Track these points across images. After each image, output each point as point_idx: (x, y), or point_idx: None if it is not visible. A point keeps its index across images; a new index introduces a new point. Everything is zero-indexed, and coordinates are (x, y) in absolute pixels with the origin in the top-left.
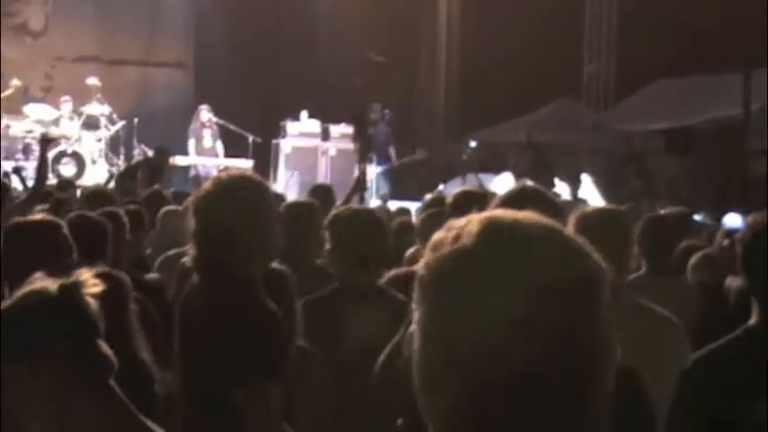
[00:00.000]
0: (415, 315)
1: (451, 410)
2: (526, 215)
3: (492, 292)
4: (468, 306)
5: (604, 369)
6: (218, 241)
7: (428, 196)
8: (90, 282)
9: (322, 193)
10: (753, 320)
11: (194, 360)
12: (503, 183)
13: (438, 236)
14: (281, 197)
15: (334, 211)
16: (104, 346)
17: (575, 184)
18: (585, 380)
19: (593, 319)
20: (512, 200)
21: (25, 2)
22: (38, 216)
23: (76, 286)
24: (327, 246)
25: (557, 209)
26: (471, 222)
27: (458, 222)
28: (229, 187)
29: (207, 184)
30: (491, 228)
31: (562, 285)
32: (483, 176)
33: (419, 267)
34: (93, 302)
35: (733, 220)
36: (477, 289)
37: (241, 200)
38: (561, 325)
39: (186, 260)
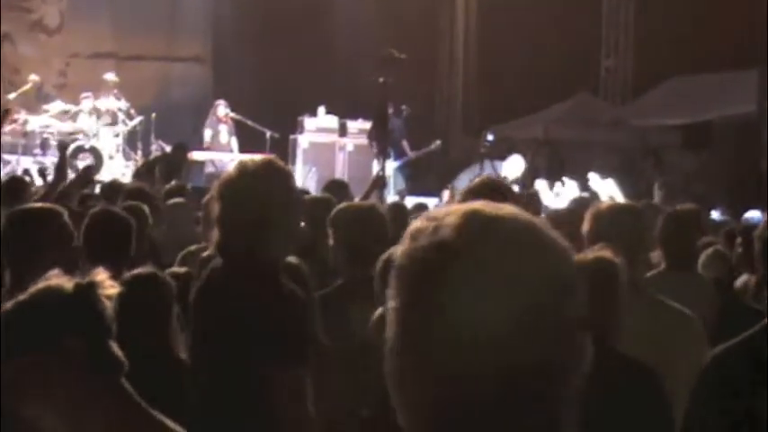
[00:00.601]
0: (391, 303)
1: (424, 403)
2: (507, 210)
3: (473, 291)
4: (448, 303)
5: (576, 368)
6: (244, 225)
7: (445, 192)
8: (107, 283)
9: (337, 189)
10: None
11: (219, 344)
12: (513, 165)
13: (417, 224)
14: (304, 191)
15: (336, 208)
16: (115, 347)
17: (588, 180)
18: (556, 379)
19: (566, 319)
20: (475, 192)
21: None
22: (39, 204)
23: (93, 287)
24: (331, 242)
25: (516, 200)
26: (451, 214)
27: (438, 212)
28: (256, 171)
29: (232, 170)
30: (472, 223)
31: (541, 285)
32: (498, 164)
33: (397, 255)
34: (107, 303)
35: (754, 216)
36: (457, 286)
37: (267, 183)
38: (535, 325)
39: (207, 253)
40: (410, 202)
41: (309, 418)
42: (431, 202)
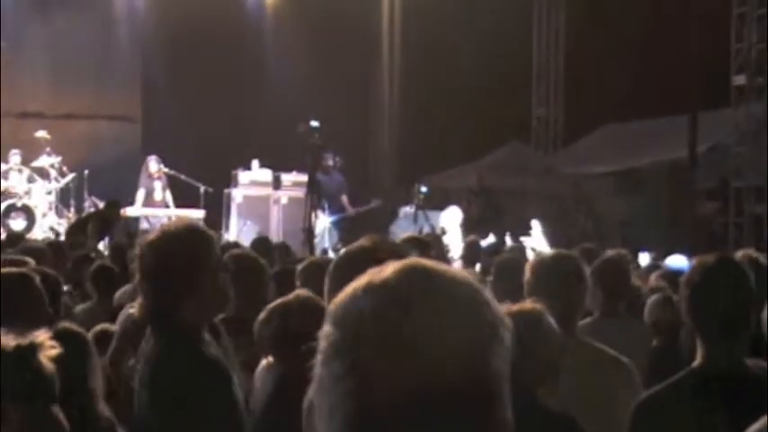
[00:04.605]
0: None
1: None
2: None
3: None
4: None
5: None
6: (166, 289)
7: None
8: (47, 343)
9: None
10: (696, 362)
11: (139, 408)
12: (450, 216)
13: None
14: (235, 245)
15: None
16: (57, 412)
17: (524, 229)
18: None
19: (496, 358)
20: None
21: None
22: (10, 269)
23: (33, 348)
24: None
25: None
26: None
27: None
28: (178, 235)
29: (154, 233)
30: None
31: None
32: (435, 214)
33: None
34: (50, 364)
35: (677, 261)
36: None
37: (190, 247)
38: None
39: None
40: None
41: None
42: None
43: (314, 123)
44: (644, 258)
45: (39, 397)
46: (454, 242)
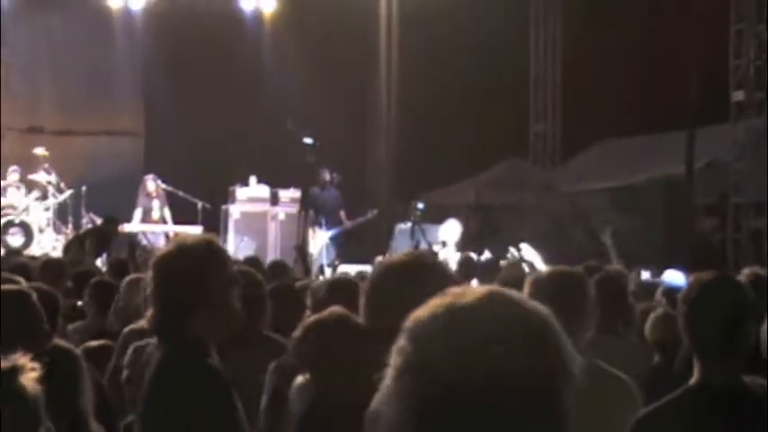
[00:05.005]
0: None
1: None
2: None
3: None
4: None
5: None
6: (177, 303)
7: (378, 258)
8: (28, 366)
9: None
10: (693, 379)
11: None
12: (449, 229)
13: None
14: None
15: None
16: None
17: (521, 246)
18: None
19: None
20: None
21: None
22: (9, 286)
23: (15, 372)
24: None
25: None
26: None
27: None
28: (192, 250)
29: (168, 246)
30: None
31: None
32: (434, 227)
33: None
34: (33, 386)
35: (672, 277)
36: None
37: (203, 263)
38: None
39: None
40: (350, 270)
41: None
42: (365, 269)
43: (308, 140)
44: (644, 275)
45: (22, 421)
46: (452, 256)
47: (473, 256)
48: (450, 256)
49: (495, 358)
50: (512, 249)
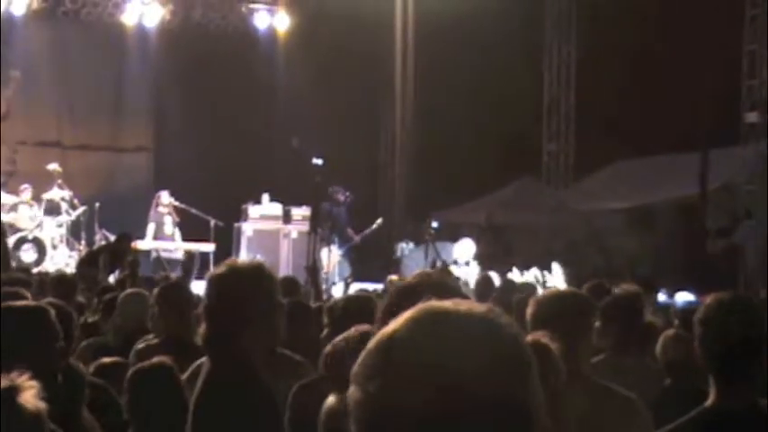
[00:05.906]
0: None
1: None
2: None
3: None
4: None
5: None
6: (229, 320)
7: (391, 277)
8: (27, 384)
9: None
10: (710, 401)
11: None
12: (463, 248)
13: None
14: None
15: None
16: None
17: (535, 267)
18: None
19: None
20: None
21: None
22: (26, 302)
23: (14, 391)
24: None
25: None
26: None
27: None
28: (246, 272)
29: (222, 267)
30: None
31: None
32: (449, 246)
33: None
34: (33, 405)
35: (685, 298)
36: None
37: (255, 284)
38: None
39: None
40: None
41: None
42: (377, 288)
43: (317, 161)
44: (660, 297)
45: None
46: (471, 275)
47: (492, 275)
48: (467, 275)
49: (460, 374)
50: (536, 270)
